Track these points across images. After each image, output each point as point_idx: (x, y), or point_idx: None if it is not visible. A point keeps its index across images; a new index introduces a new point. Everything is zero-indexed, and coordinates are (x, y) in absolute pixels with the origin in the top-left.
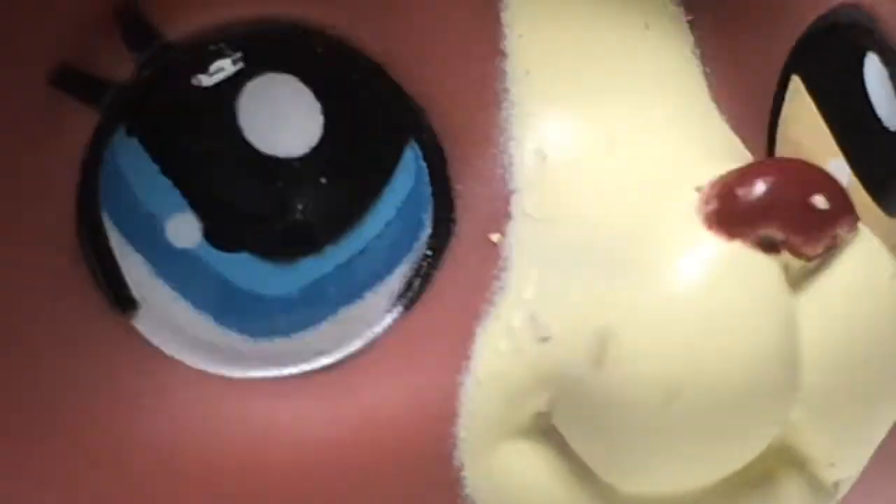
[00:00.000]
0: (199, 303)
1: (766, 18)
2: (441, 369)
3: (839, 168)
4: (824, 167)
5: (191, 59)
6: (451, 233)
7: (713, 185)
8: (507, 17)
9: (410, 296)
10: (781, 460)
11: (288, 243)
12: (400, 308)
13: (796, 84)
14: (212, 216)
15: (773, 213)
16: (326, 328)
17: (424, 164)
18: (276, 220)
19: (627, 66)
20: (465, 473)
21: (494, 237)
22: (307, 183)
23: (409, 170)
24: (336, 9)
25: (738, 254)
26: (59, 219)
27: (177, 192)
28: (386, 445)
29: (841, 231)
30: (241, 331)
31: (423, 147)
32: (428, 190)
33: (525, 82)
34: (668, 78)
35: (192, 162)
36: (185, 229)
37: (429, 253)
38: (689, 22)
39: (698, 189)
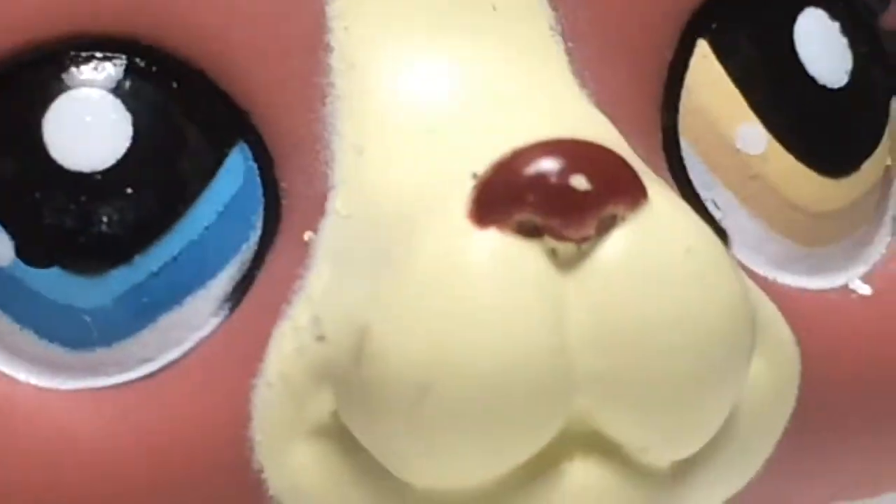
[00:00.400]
0: (22, 319)
1: None
2: (237, 373)
3: (752, 133)
4: (729, 135)
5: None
6: (277, 233)
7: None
8: (332, 9)
9: (237, 298)
10: (585, 447)
11: (95, 256)
12: (226, 311)
13: (703, 49)
14: (22, 234)
15: (525, 198)
16: (147, 336)
17: (254, 165)
18: (80, 234)
19: (466, 51)
20: (265, 476)
21: (307, 236)
22: (111, 195)
23: (236, 172)
24: (143, 18)
25: (491, 241)
26: None
27: None
28: (185, 454)
29: (615, 210)
30: (63, 343)
31: (251, 147)
32: (258, 191)
33: (350, 76)
34: (514, 59)
35: (2, 180)
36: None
37: (255, 255)
38: None
39: (474, 176)
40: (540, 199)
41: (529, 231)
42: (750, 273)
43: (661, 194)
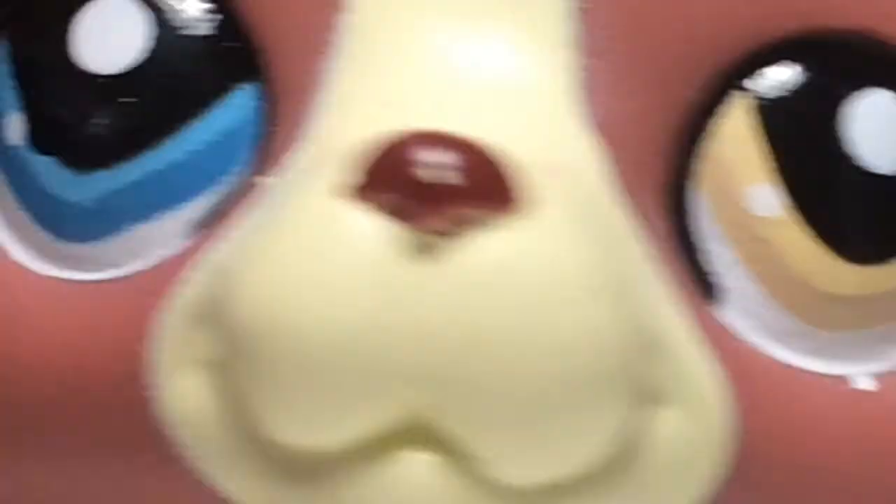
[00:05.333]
0: (22, 199)
1: (693, 22)
2: (157, 294)
3: (766, 195)
4: (743, 192)
5: None
6: (256, 175)
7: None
8: None
9: (205, 228)
10: (429, 444)
11: (86, 153)
12: (193, 237)
13: (736, 100)
14: (33, 118)
15: (390, 179)
16: (118, 242)
17: (260, 105)
18: (76, 130)
19: (470, 37)
20: (152, 395)
21: (257, 180)
22: (111, 99)
23: (239, 108)
24: None
25: (346, 211)
26: None
27: (14, 92)
28: (96, 358)
29: (477, 212)
30: (50, 230)
31: (261, 89)
32: (256, 130)
33: (354, 37)
34: (513, 59)
35: (31, 65)
36: (16, 128)
37: (233, 191)
38: (580, 10)
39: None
40: (401, 184)
41: (394, 213)
42: (732, 336)
43: (550, 215)
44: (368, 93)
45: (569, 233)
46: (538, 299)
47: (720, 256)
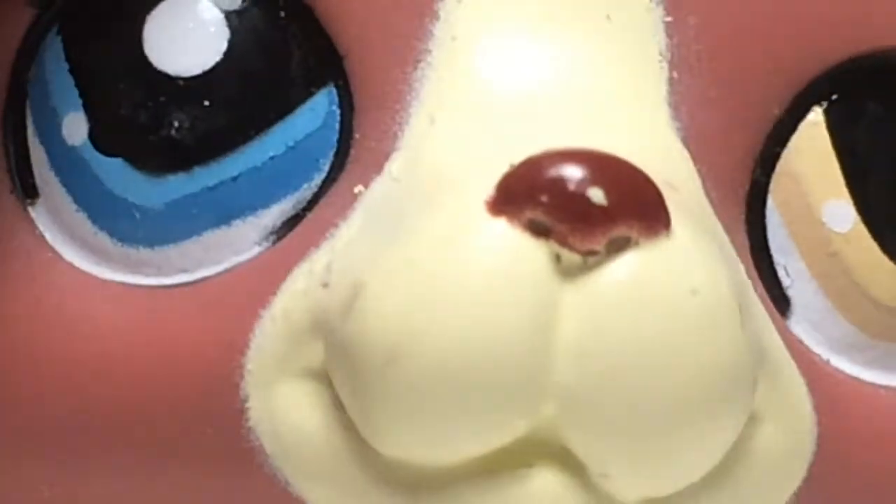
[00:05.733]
0: (80, 200)
1: (779, 38)
2: (252, 303)
3: (840, 211)
4: (818, 207)
5: None
6: (338, 181)
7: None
8: None
9: (282, 234)
10: (552, 459)
11: (158, 157)
12: (270, 243)
13: (816, 116)
14: (98, 119)
15: (538, 197)
16: (190, 247)
17: (337, 111)
18: (150, 132)
19: (567, 50)
20: (248, 405)
21: (357, 189)
22: (189, 103)
23: (318, 113)
24: None
25: (496, 230)
26: None
27: (76, 92)
28: (184, 366)
29: (627, 232)
30: (112, 234)
31: (339, 93)
32: (334, 136)
33: (447, 47)
34: (612, 71)
35: (93, 65)
36: (76, 127)
37: (312, 196)
38: (668, 23)
39: (511, 166)
40: (552, 202)
41: (540, 232)
42: (804, 348)
43: (685, 229)
44: (469, 107)
45: (706, 251)
46: (681, 321)
47: (792, 270)
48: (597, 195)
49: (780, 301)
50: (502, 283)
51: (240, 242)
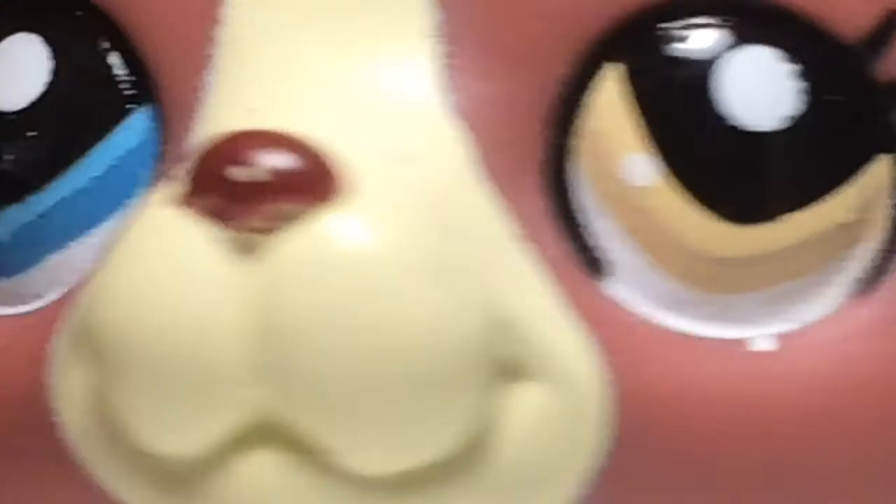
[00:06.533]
0: None
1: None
2: (53, 320)
3: (640, 164)
4: (618, 163)
5: None
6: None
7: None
8: None
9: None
10: (277, 441)
11: None
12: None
13: (608, 72)
14: None
15: (210, 184)
16: (37, 273)
17: (155, 126)
18: None
19: (333, 37)
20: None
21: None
22: (17, 135)
23: (136, 129)
24: None
25: (169, 219)
26: None
27: None
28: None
29: (290, 206)
30: None
31: (156, 109)
32: (153, 150)
33: (229, 50)
34: (370, 48)
35: None
36: None
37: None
38: None
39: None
40: (219, 184)
41: (217, 216)
42: (622, 306)
43: (373, 203)
44: (235, 105)
45: (387, 219)
46: (352, 286)
47: (604, 230)
48: (251, 172)
49: (594, 263)
50: (178, 271)
51: (78, 263)
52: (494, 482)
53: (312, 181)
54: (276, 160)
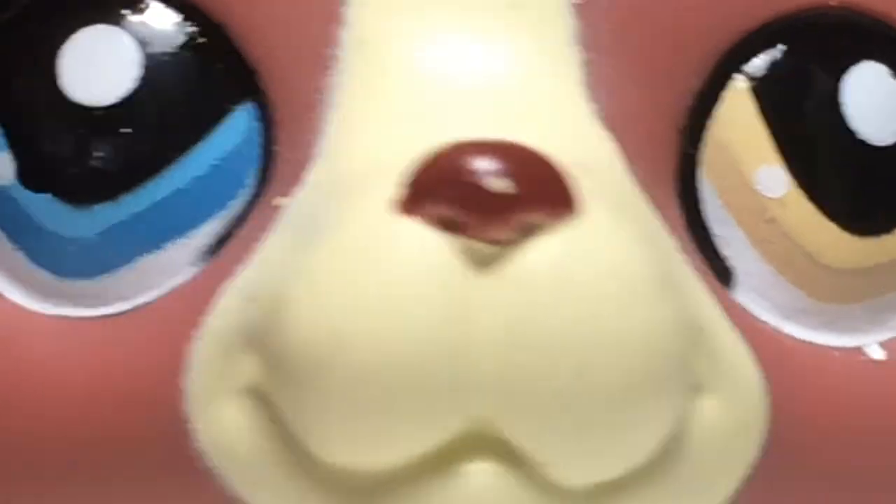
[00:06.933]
0: (16, 239)
1: (689, 8)
2: (184, 325)
3: (773, 176)
4: (750, 175)
5: (31, 9)
6: (263, 195)
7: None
8: None
9: (214, 253)
10: (490, 452)
11: (84, 188)
12: (203, 264)
13: (738, 83)
14: (23, 156)
15: (444, 192)
16: (126, 274)
17: (257, 126)
18: (73, 164)
19: (476, 44)
20: (192, 426)
21: (277, 201)
22: (108, 132)
23: (238, 129)
24: None
25: (405, 230)
26: None
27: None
28: (128, 392)
29: (535, 218)
30: (50, 269)
31: (258, 108)
32: (256, 152)
33: (357, 51)
34: (522, 59)
35: (13, 103)
36: (3, 167)
37: (240, 214)
38: (577, 6)
39: (416, 163)
40: (458, 196)
41: (450, 226)
42: (749, 316)
43: (598, 210)
44: (382, 107)
45: (621, 231)
46: (601, 301)
47: (731, 240)
48: (499, 184)
49: (722, 272)
50: (414, 282)
51: (173, 265)
52: (675, 489)
53: (557, 193)
54: (519, 170)
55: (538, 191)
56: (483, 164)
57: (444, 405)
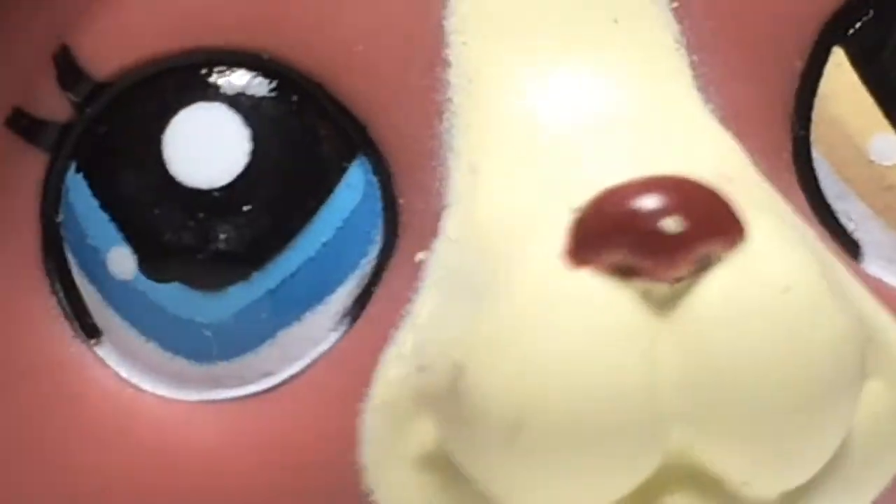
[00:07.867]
0: (146, 332)
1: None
2: (349, 395)
3: (887, 143)
4: (864, 145)
5: (123, 98)
6: (395, 248)
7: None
8: (450, 24)
9: (355, 314)
10: (685, 482)
11: (214, 272)
12: (345, 326)
13: (838, 57)
14: (143, 248)
15: (617, 239)
16: (267, 350)
17: (375, 179)
18: (198, 250)
19: (586, 68)
20: (374, 499)
21: (418, 256)
22: (229, 212)
23: (356, 186)
24: (267, 33)
25: (583, 283)
26: (24, 251)
27: (113, 226)
28: (297, 471)
29: (710, 251)
30: (186, 356)
31: (371, 162)
32: (378, 205)
33: (467, 92)
34: (637, 76)
35: (123, 196)
36: (122, 262)
37: (374, 270)
38: (675, 9)
39: (573, 211)
40: (632, 241)
41: (624, 271)
42: (883, 286)
43: (762, 230)
44: (507, 150)
45: (785, 244)
46: (786, 319)
47: (853, 213)
48: (672, 224)
49: (850, 246)
50: (600, 336)
51: (315, 334)
52: (849, 474)
53: (728, 222)
54: (686, 204)
55: (709, 223)
56: (650, 204)
57: (646, 447)
